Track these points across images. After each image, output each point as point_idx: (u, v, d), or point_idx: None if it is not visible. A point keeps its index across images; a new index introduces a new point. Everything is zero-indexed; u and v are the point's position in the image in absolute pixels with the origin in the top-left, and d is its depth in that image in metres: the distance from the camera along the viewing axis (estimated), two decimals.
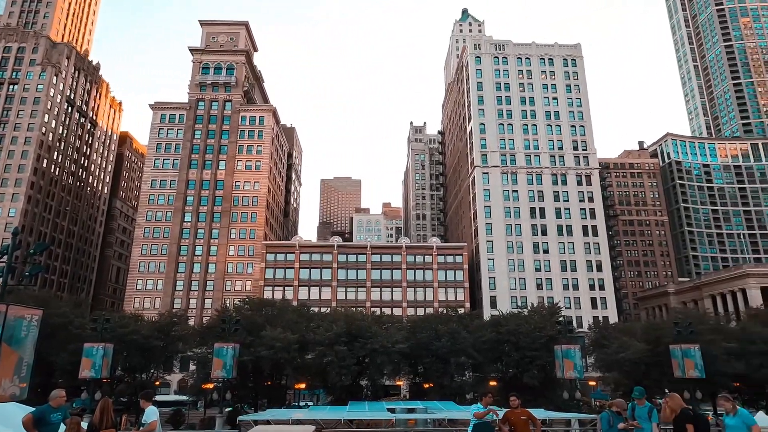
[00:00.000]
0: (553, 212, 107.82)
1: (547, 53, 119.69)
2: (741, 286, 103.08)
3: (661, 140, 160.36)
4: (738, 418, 10.06)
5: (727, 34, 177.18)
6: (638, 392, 10.97)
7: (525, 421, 11.21)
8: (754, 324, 52.56)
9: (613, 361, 51.70)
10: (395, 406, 34.24)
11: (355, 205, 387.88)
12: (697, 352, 37.31)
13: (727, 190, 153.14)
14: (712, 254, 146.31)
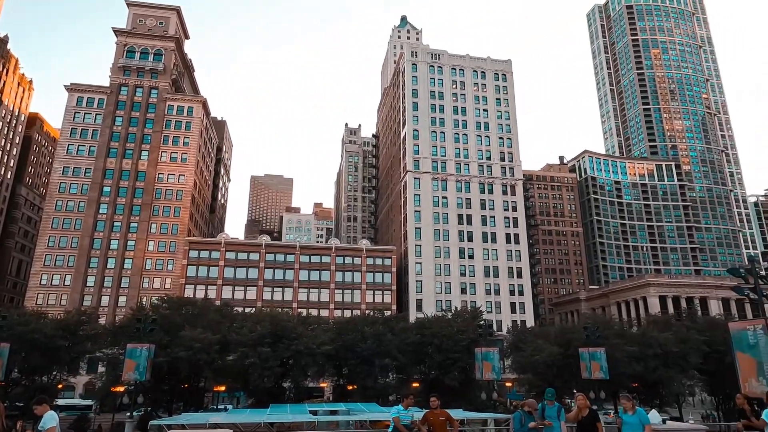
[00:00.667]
0: (479, 219, 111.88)
1: (479, 66, 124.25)
2: (642, 295, 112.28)
3: (580, 156, 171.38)
4: (636, 416, 10.99)
5: (639, 62, 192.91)
6: (549, 394, 11.66)
7: (443, 421, 11.56)
8: (652, 329, 57.35)
9: (529, 363, 54.40)
10: (318, 408, 34.00)
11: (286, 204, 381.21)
12: (603, 355, 40.19)
13: (635, 206, 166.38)
14: (619, 264, 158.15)
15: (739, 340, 18.71)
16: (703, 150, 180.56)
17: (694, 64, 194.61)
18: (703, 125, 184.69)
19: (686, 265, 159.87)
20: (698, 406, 69.00)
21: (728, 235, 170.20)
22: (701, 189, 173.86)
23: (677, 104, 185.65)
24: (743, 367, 18.33)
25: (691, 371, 53.85)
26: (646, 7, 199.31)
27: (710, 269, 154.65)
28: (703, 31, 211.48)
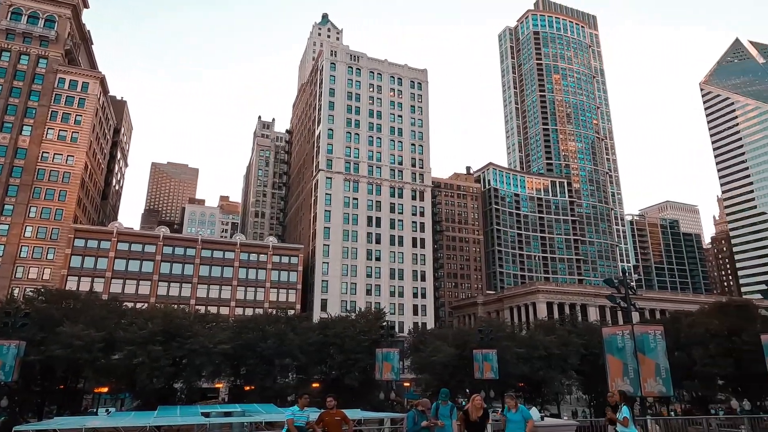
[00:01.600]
0: (388, 222, 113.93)
1: (397, 72, 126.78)
2: (532, 300, 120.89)
3: (485, 168, 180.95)
4: (518, 413, 11.84)
5: (542, 86, 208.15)
6: (443, 394, 12.17)
7: (338, 421, 11.62)
8: (539, 333, 61.97)
9: (427, 363, 56.30)
10: (211, 410, 32.56)
11: (190, 195, 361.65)
12: (494, 356, 42.71)
13: (531, 218, 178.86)
14: (514, 272, 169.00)
15: (610, 343, 20.76)
16: (591, 171, 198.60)
17: (588, 92, 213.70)
18: (592, 148, 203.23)
19: (571, 275, 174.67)
20: (574, 403, 75.59)
21: (607, 249, 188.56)
22: (588, 206, 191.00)
23: (572, 127, 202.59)
24: (612, 368, 20.38)
25: (570, 372, 58.85)
26: (550, 35, 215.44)
27: (591, 279, 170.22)
28: (597, 63, 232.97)
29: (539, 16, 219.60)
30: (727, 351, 52.54)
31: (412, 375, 69.28)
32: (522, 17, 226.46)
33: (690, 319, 62.82)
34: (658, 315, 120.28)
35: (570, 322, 77.85)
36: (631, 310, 22.25)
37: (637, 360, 19.77)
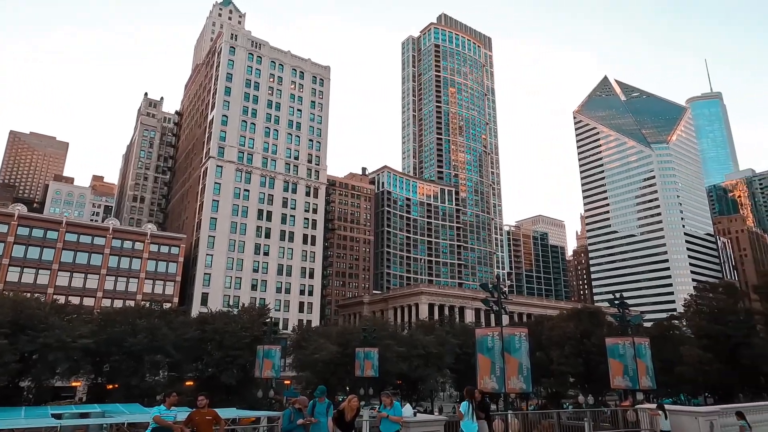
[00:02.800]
0: (279, 217, 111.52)
1: (299, 66, 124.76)
2: (416, 302, 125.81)
3: (380, 171, 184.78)
4: (393, 410, 12.27)
5: (439, 97, 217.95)
6: (319, 391, 12.20)
7: (209, 420, 11.11)
8: (419, 333, 64.72)
9: (309, 361, 56.03)
10: (64, 411, 29.34)
11: (57, 171, 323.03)
12: (376, 355, 43.73)
13: (420, 222, 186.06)
14: (401, 273, 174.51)
15: (482, 343, 22.28)
16: (477, 182, 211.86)
17: (479, 108, 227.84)
18: (479, 161, 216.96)
19: (453, 278, 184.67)
20: (447, 400, 79.99)
21: (486, 256, 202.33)
22: (472, 214, 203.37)
23: (463, 139, 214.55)
24: (481, 367, 21.89)
25: (445, 370, 62.23)
26: (450, 50, 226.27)
27: (470, 283, 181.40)
28: (489, 82, 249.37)
29: (441, 31, 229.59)
30: (578, 352, 59.09)
31: (293, 373, 68.45)
32: (425, 29, 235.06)
33: (551, 323, 69.59)
34: (525, 318, 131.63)
35: (448, 323, 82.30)
36: (502, 313, 24.07)
37: (503, 359, 21.44)
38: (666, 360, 57.48)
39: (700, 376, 57.56)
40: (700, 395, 68.40)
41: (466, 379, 59.87)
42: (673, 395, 70.02)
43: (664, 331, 69.66)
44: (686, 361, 58.17)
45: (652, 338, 40.23)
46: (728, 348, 56.86)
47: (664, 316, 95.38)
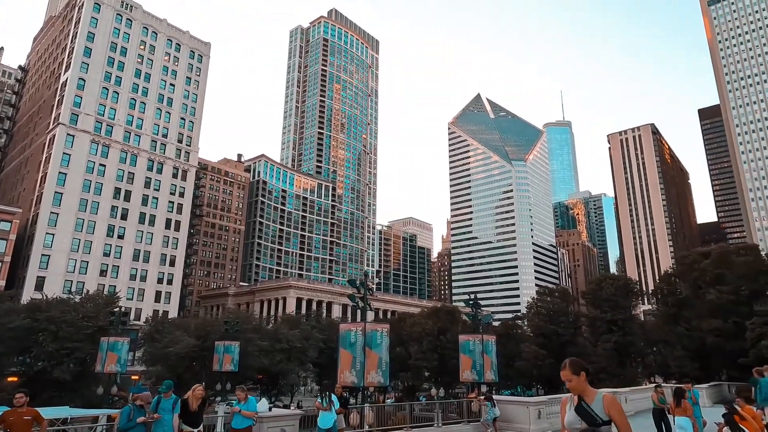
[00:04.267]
0: (140, 198, 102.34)
1: (176, 37, 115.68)
2: (284, 295, 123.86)
3: (257, 159, 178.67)
4: (246, 405, 11.90)
5: (324, 91, 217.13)
6: (165, 386, 11.35)
7: (28, 421, 9.66)
8: (284, 327, 63.76)
9: (162, 354, 52.08)
10: None
11: None
12: (237, 348, 42.14)
13: (294, 215, 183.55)
14: (271, 266, 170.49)
15: (345, 338, 22.63)
16: (354, 180, 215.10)
17: (362, 108, 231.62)
18: (358, 160, 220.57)
19: (323, 274, 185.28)
20: (308, 394, 79.94)
21: (358, 253, 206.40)
22: (347, 212, 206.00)
23: (344, 136, 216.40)
24: (343, 361, 22.22)
25: (308, 364, 62.07)
26: (338, 46, 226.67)
27: (340, 279, 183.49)
28: (374, 84, 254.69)
29: (331, 26, 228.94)
30: (435, 347, 62.93)
31: (143, 367, 63.17)
32: (315, 21, 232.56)
33: (412, 320, 73.15)
34: (389, 315, 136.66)
35: (315, 318, 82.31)
36: (367, 309, 24.69)
37: (364, 354, 21.99)
38: (508, 356, 63.79)
39: (534, 369, 64.76)
40: (534, 387, 76.96)
41: (328, 373, 60.40)
42: (512, 387, 77.84)
43: (509, 329, 77.11)
44: (524, 356, 65.10)
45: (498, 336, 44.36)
46: (558, 345, 64.84)
47: (510, 316, 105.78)
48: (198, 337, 52.09)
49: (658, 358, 63.63)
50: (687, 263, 61.17)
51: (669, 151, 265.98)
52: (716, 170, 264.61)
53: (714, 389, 37.96)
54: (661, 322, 63.16)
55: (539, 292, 79.85)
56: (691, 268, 59.09)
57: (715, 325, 51.20)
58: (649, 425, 18.23)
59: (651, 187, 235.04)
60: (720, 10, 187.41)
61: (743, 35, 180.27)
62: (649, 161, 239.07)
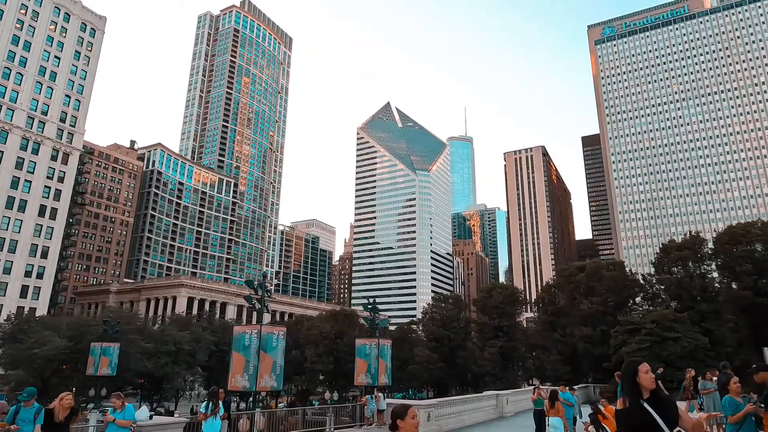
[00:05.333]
0: (9, 180, 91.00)
1: (66, 6, 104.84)
2: (174, 294, 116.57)
3: (152, 147, 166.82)
4: (123, 413, 10.95)
5: (231, 83, 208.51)
6: (27, 393, 10.09)
7: None
8: (173, 328, 59.97)
9: (25, 357, 46.55)
10: None
11: None
12: (116, 351, 38.79)
13: (191, 210, 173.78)
14: (161, 262, 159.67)
15: (238, 341, 21.77)
16: (258, 177, 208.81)
17: (271, 105, 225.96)
18: (263, 157, 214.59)
19: (219, 273, 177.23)
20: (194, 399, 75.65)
21: (257, 253, 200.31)
22: (248, 209, 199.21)
23: (251, 132, 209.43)
24: (235, 365, 21.35)
25: (196, 368, 58.86)
26: (249, 38, 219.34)
27: (237, 279, 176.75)
28: (285, 82, 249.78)
29: (243, 16, 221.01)
30: (331, 351, 62.82)
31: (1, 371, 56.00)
32: (226, 9, 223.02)
33: (310, 323, 72.50)
34: (287, 317, 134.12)
35: (207, 319, 78.42)
36: (264, 311, 23.99)
37: (258, 357, 21.33)
38: (402, 359, 65.46)
39: (426, 373, 67.13)
40: (425, 390, 79.72)
41: (218, 377, 57.79)
42: (405, 390, 79.98)
43: (405, 334, 79.28)
44: (418, 360, 67.24)
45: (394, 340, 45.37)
46: (449, 350, 67.82)
47: (406, 320, 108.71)
48: (71, 338, 47.34)
49: (536, 362, 68.98)
50: (565, 275, 67.12)
51: (556, 172, 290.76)
52: (594, 193, 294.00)
53: (582, 390, 41.91)
54: (541, 328, 68.60)
55: (434, 299, 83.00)
56: (568, 280, 64.91)
57: (585, 333, 56.63)
58: (529, 425, 19.66)
59: (539, 204, 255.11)
60: (605, 49, 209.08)
61: (622, 74, 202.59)
62: (539, 180, 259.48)
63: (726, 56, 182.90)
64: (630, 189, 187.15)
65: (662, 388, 4.69)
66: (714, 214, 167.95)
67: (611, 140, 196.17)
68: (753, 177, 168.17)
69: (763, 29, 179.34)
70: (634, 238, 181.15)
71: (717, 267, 58.37)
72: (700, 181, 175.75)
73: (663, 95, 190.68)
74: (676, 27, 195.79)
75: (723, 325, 52.24)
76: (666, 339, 46.72)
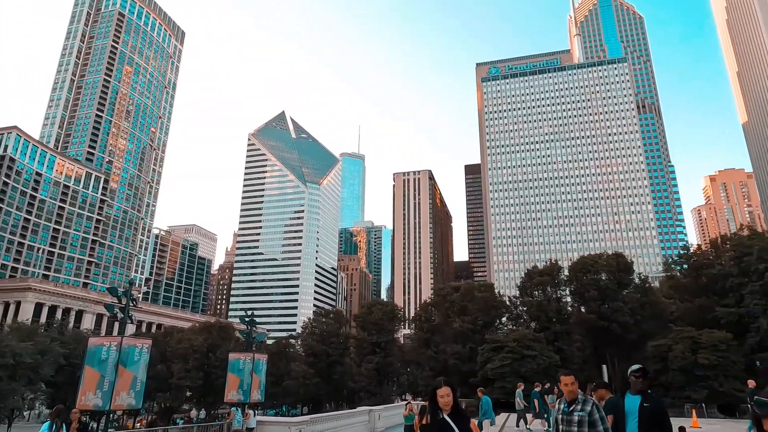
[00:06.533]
0: None
1: None
2: (19, 298, 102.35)
3: (6, 130, 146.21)
4: None
5: (111, 70, 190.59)
6: None
7: None
8: (13, 337, 52.19)
9: None
10: None
11: None
12: None
13: (48, 205, 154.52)
14: (5, 261, 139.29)
15: (93, 354, 19.71)
16: (134, 175, 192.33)
17: (155, 99, 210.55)
18: (142, 154, 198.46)
19: (78, 277, 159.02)
20: (34, 420, 66.38)
21: (126, 257, 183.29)
22: (119, 209, 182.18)
23: (129, 125, 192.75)
24: (87, 380, 19.25)
25: (39, 384, 51.91)
26: (137, 25, 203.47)
27: (99, 285, 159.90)
28: (173, 76, 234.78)
29: (130, 1, 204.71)
30: (202, 365, 59.25)
31: None
32: None
33: (180, 335, 67.78)
34: (154, 328, 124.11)
35: (58, 328, 69.86)
36: (127, 321, 22.05)
37: (116, 372, 19.49)
38: (278, 375, 63.82)
39: (302, 389, 66.05)
40: (299, 406, 78.22)
41: (66, 394, 51.50)
42: (278, 407, 77.79)
43: (282, 348, 77.42)
44: (294, 375, 65.97)
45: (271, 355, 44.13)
46: (327, 365, 67.59)
47: (286, 334, 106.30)
48: None
49: (410, 378, 71.37)
50: (442, 295, 70.72)
51: (440, 196, 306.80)
52: (472, 218, 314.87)
53: None
54: (417, 345, 71.28)
55: (316, 313, 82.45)
56: (444, 299, 68.47)
57: (456, 350, 59.97)
58: None
59: (423, 225, 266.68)
60: (490, 87, 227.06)
61: (503, 111, 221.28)
62: (424, 202, 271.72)
63: (587, 107, 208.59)
64: (504, 217, 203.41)
65: (460, 407, 5.91)
66: (571, 244, 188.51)
67: (490, 171, 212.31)
68: (603, 214, 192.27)
69: (617, 87, 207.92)
70: (505, 263, 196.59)
71: (570, 292, 65.42)
72: (561, 214, 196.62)
73: (536, 134, 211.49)
74: (550, 76, 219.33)
75: (572, 344, 58.53)
76: (525, 356, 51.15)
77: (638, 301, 58.18)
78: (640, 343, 55.12)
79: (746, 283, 49.69)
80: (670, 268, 68.85)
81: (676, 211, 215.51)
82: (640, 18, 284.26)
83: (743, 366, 46.28)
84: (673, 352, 47.71)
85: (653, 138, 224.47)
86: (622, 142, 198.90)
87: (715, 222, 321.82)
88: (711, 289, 55.15)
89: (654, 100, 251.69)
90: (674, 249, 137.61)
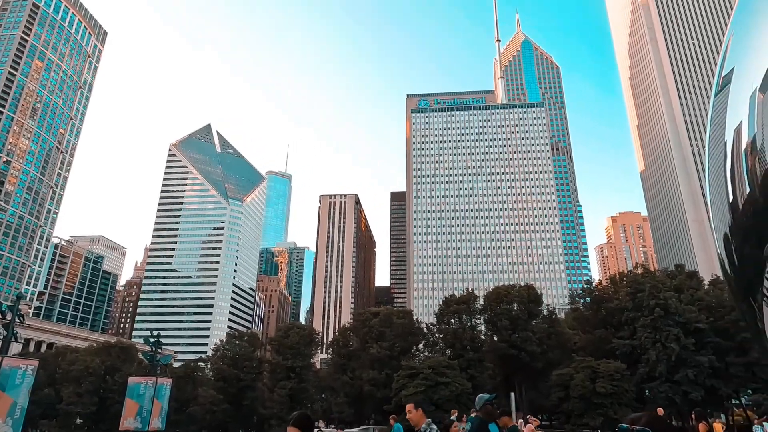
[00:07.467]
0: None
1: None
2: None
3: None
4: None
5: (18, 63, 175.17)
6: None
7: None
8: None
9: None
10: None
11: None
12: None
13: None
14: None
15: None
16: (36, 179, 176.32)
17: (67, 99, 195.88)
18: (47, 156, 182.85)
19: None
20: None
21: (17, 267, 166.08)
22: (14, 214, 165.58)
23: (34, 124, 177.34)
24: None
25: None
26: (52, 19, 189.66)
27: None
28: (89, 77, 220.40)
29: None
30: (97, 390, 54.41)
31: None
32: None
33: (74, 356, 62.03)
34: (45, 348, 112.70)
35: None
36: (12, 339, 19.89)
37: None
38: (183, 400, 59.99)
39: (209, 415, 62.44)
40: None
41: None
42: None
43: (190, 372, 73.10)
44: (200, 401, 62.32)
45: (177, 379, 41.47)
46: (238, 390, 64.60)
47: (196, 357, 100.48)
48: None
49: (324, 404, 69.87)
50: (361, 320, 70.57)
51: (365, 221, 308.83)
52: (395, 244, 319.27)
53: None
54: (333, 370, 70.24)
55: (230, 335, 78.83)
56: (363, 324, 68.33)
57: (372, 376, 59.74)
58: None
59: (346, 249, 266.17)
60: (418, 118, 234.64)
61: (430, 143, 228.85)
62: (349, 226, 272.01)
63: (508, 145, 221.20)
64: (426, 245, 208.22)
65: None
66: (487, 275, 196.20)
67: (415, 199, 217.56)
68: (517, 247, 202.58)
69: (535, 129, 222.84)
70: (425, 290, 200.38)
71: (484, 321, 67.86)
72: (480, 245, 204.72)
73: (460, 167, 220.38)
74: (475, 113, 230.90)
75: (484, 372, 60.41)
76: (439, 383, 52.00)
77: (546, 331, 61.49)
78: (546, 372, 58.07)
79: (639, 318, 54.20)
80: (574, 301, 73.61)
81: (581, 247, 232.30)
82: (557, 68, 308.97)
83: (634, 395, 50.04)
84: (574, 380, 50.68)
85: (564, 178, 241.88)
86: (537, 181, 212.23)
87: (615, 259, 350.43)
88: (609, 321, 59.55)
89: (566, 143, 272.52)
90: (579, 283, 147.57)
